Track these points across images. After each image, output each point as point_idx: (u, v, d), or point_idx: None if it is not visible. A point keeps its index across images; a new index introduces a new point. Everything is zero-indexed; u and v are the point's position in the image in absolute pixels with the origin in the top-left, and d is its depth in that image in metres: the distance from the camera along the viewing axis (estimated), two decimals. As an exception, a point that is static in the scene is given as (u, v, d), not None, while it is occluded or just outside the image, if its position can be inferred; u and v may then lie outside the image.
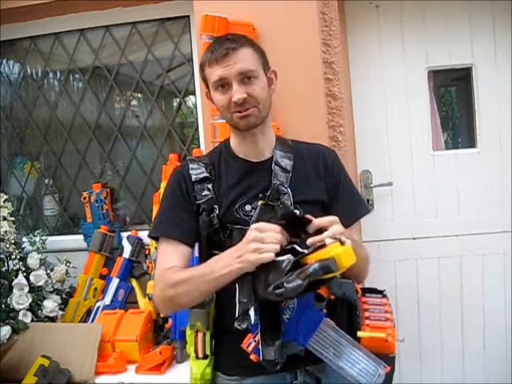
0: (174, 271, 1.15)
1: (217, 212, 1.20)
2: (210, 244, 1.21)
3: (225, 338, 1.23)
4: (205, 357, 1.20)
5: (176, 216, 1.24)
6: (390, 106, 2.13)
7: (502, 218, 2.12)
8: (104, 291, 2.04)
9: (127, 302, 2.03)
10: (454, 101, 2.35)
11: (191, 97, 2.25)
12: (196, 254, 1.77)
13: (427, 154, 2.15)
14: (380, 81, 2.13)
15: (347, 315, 1.15)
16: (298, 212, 1.16)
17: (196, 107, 2.19)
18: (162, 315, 1.89)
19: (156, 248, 1.96)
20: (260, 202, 1.16)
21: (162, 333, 1.90)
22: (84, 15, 2.18)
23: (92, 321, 1.97)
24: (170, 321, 1.82)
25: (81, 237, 2.19)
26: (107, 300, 2.01)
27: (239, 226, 1.18)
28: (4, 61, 2.39)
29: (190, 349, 1.19)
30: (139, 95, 2.34)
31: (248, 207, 1.20)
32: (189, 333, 1.21)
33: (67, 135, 2.33)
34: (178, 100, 2.25)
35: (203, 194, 1.22)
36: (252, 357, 1.06)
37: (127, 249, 2.05)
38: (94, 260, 2.06)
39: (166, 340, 1.84)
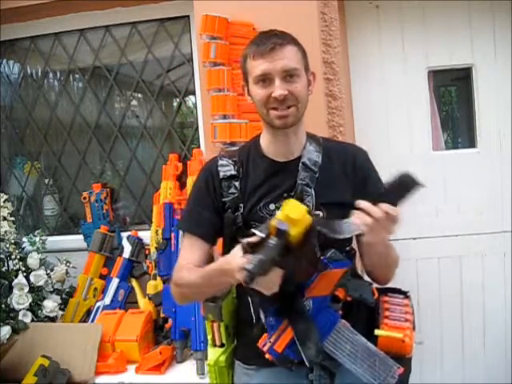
0: (183, 271, 1.20)
1: (241, 210, 1.22)
2: (234, 241, 1.20)
3: (244, 329, 1.24)
4: (222, 345, 1.24)
5: (199, 213, 1.27)
6: (389, 106, 2.13)
7: (502, 218, 2.12)
8: (104, 291, 2.04)
9: (127, 302, 2.03)
10: (454, 101, 2.35)
11: (191, 97, 2.25)
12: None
13: (427, 153, 2.14)
14: (380, 81, 2.13)
15: (365, 317, 1.16)
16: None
17: (196, 107, 2.19)
18: (162, 315, 1.89)
19: (156, 248, 1.98)
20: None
21: (161, 333, 1.90)
22: (84, 15, 2.18)
23: (92, 321, 1.97)
24: (170, 321, 1.83)
25: (81, 237, 2.19)
26: (107, 300, 2.01)
27: None
28: (4, 61, 2.39)
29: (209, 336, 1.25)
30: (139, 95, 2.34)
31: (272, 206, 1.20)
32: (206, 323, 1.26)
33: (67, 135, 2.33)
34: (177, 100, 2.25)
35: (230, 191, 1.23)
36: (267, 356, 1.10)
37: (127, 249, 2.06)
38: (94, 260, 2.06)
39: (166, 340, 1.84)
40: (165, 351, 1.74)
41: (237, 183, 1.24)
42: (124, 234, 2.14)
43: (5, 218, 1.96)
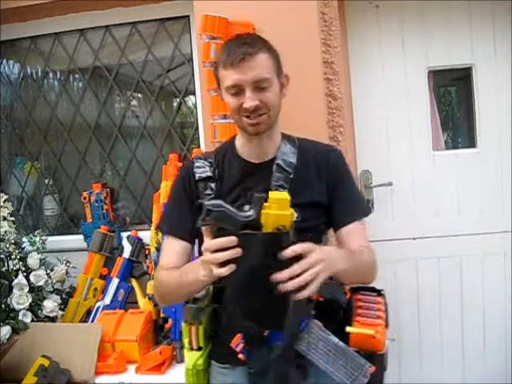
0: (162, 272, 1.23)
1: None
2: None
3: (220, 329, 1.25)
4: (199, 348, 1.23)
5: (178, 213, 1.29)
6: (389, 106, 2.13)
7: (502, 218, 2.12)
8: (104, 291, 2.04)
9: (127, 302, 2.03)
10: (454, 101, 2.35)
11: (191, 97, 2.25)
12: (196, 253, 1.78)
13: (427, 153, 2.15)
14: (380, 81, 2.13)
15: (338, 316, 1.17)
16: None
17: (196, 107, 2.19)
18: (162, 315, 1.89)
19: (156, 248, 1.98)
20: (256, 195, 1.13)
21: (161, 333, 1.90)
22: (84, 15, 2.18)
23: (92, 321, 1.97)
24: (170, 321, 1.82)
25: (81, 237, 2.19)
26: (107, 300, 2.01)
27: None
28: (4, 61, 2.39)
29: (185, 340, 1.23)
30: (139, 95, 2.34)
31: (247, 207, 1.18)
32: (184, 325, 1.25)
33: (67, 135, 2.33)
34: (177, 100, 2.25)
35: (206, 192, 1.24)
36: (240, 356, 1.14)
37: (127, 249, 2.05)
38: (94, 260, 2.06)
39: (166, 340, 1.84)
40: (165, 351, 1.74)
41: (212, 184, 1.25)
42: (124, 234, 2.14)
43: (5, 218, 1.96)
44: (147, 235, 2.06)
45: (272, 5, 1.83)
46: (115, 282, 2.02)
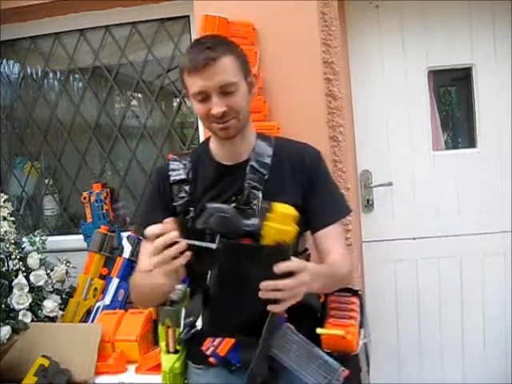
0: (137, 275, 1.22)
1: (192, 214, 1.21)
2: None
3: (195, 332, 1.23)
4: (175, 351, 1.23)
5: (153, 217, 1.24)
6: (389, 106, 2.13)
7: (502, 218, 2.12)
8: (104, 291, 2.04)
9: (127, 302, 2.03)
10: (454, 101, 2.35)
11: (191, 97, 2.25)
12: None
13: (427, 153, 2.15)
14: (380, 81, 2.13)
15: (312, 319, 1.17)
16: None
17: (196, 107, 2.18)
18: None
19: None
20: (232, 206, 1.14)
21: (162, 333, 1.90)
22: (84, 15, 2.18)
23: (92, 321, 1.97)
24: (170, 321, 1.82)
25: (81, 237, 2.19)
26: (107, 300, 2.01)
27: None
28: (4, 61, 2.38)
29: (162, 343, 1.23)
30: (139, 95, 2.34)
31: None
32: (160, 328, 1.25)
33: (67, 135, 2.33)
34: (177, 100, 2.25)
35: (180, 195, 1.23)
36: (211, 359, 1.16)
37: (127, 249, 2.05)
38: (94, 260, 2.06)
39: (166, 340, 1.84)
40: (165, 351, 1.74)
41: (187, 187, 1.24)
42: (124, 234, 2.14)
43: (5, 218, 1.95)
44: (147, 235, 2.05)
45: (272, 5, 1.83)
46: (115, 282, 2.02)
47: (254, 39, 1.83)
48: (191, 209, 1.21)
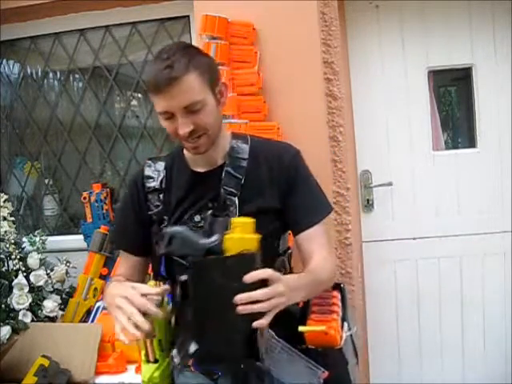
0: (110, 283, 1.19)
1: (166, 223, 1.18)
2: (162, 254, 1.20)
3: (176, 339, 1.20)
4: (155, 361, 1.18)
5: (126, 227, 1.27)
6: (389, 106, 2.13)
7: (502, 218, 2.12)
8: (104, 291, 2.04)
9: (127, 302, 2.03)
10: (454, 101, 2.35)
11: (191, 97, 2.25)
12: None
13: (427, 153, 2.15)
14: (380, 81, 2.13)
15: (293, 320, 1.14)
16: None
17: (196, 107, 2.18)
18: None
19: (156, 248, 1.97)
20: (209, 213, 1.13)
21: (162, 333, 1.89)
22: (84, 15, 2.18)
23: (92, 321, 1.97)
24: (170, 321, 1.82)
25: (81, 237, 2.19)
26: (107, 300, 2.01)
27: None
28: (4, 61, 2.39)
29: (142, 352, 1.20)
30: (139, 95, 2.34)
31: (197, 217, 1.16)
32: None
33: (67, 135, 2.33)
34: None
35: (155, 204, 1.21)
36: (192, 369, 1.14)
37: (127, 249, 2.05)
38: (94, 260, 2.05)
39: (166, 340, 1.83)
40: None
41: (161, 195, 1.20)
42: (124, 234, 2.14)
43: (5, 218, 1.95)
44: (147, 235, 2.05)
45: (272, 5, 1.83)
46: (115, 282, 2.02)
47: (254, 39, 1.83)
48: (165, 217, 1.18)
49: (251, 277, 0.89)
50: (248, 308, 0.88)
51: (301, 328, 1.10)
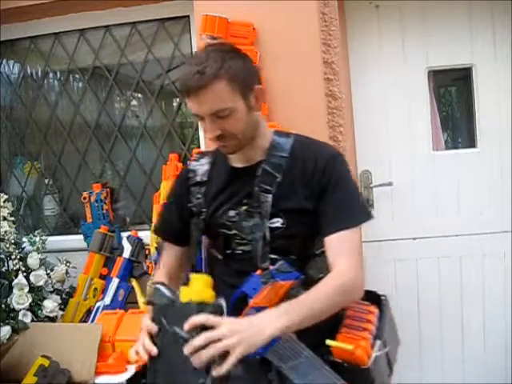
0: (156, 272, 1.32)
1: (204, 216, 1.22)
2: (200, 245, 1.26)
3: None
4: None
5: (168, 217, 1.32)
6: (389, 106, 2.13)
7: (502, 218, 2.12)
8: (104, 291, 2.04)
9: (127, 302, 2.03)
10: (453, 101, 2.35)
11: (191, 97, 2.25)
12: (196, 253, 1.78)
13: (427, 154, 2.15)
14: (380, 81, 2.13)
15: (321, 327, 1.09)
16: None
17: (196, 107, 2.18)
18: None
19: (156, 248, 1.98)
20: (243, 209, 1.15)
21: (162, 333, 1.89)
22: (84, 15, 2.18)
23: (92, 321, 1.97)
24: (170, 321, 1.82)
25: (81, 237, 2.19)
26: (107, 300, 2.01)
27: (223, 231, 1.20)
28: (4, 61, 2.39)
29: None
30: (139, 95, 2.34)
31: (232, 213, 1.18)
32: None
33: (67, 135, 2.33)
34: (177, 100, 2.25)
35: (196, 196, 1.24)
36: None
37: (127, 249, 2.05)
38: (94, 260, 2.06)
39: (166, 340, 1.83)
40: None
41: (203, 189, 1.24)
42: (124, 234, 2.14)
43: (5, 218, 1.95)
44: (147, 235, 2.06)
45: (272, 5, 1.83)
46: (115, 281, 2.02)
47: (254, 39, 1.83)
48: (204, 210, 1.22)
49: (189, 324, 0.91)
50: (196, 358, 0.88)
51: (328, 342, 1.08)
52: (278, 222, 1.14)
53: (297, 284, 1.08)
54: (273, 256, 1.13)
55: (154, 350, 1.00)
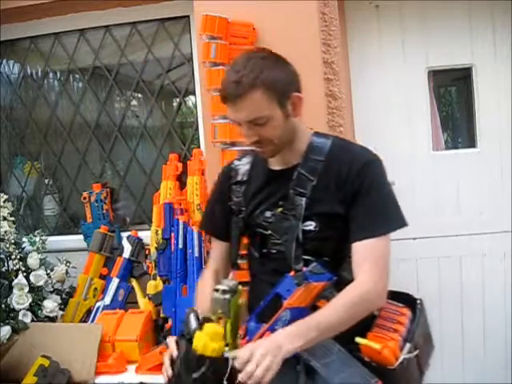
0: (204, 272, 1.37)
1: (243, 215, 1.26)
2: (239, 242, 1.32)
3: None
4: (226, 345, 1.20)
5: (212, 214, 1.38)
6: (389, 106, 2.13)
7: (502, 218, 2.12)
8: (104, 291, 2.04)
9: (127, 302, 2.03)
10: (453, 101, 2.35)
11: (191, 97, 2.25)
12: (196, 254, 1.79)
13: (427, 154, 2.15)
14: (380, 81, 2.13)
15: (356, 325, 1.12)
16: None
17: (196, 107, 2.19)
18: (162, 315, 1.89)
19: (156, 248, 1.98)
20: (278, 210, 1.20)
21: (162, 333, 1.90)
22: (84, 15, 2.18)
23: (92, 321, 1.97)
24: (170, 321, 1.83)
25: (81, 237, 2.19)
26: (107, 300, 2.01)
27: (260, 230, 1.24)
28: (4, 61, 2.39)
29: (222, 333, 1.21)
30: (139, 95, 2.34)
31: (268, 213, 1.22)
32: (213, 318, 1.21)
33: (67, 135, 2.33)
34: (177, 100, 2.25)
35: (236, 195, 1.29)
36: None
37: (127, 249, 2.05)
38: (94, 260, 2.06)
39: (166, 340, 1.84)
40: (165, 351, 1.73)
41: (243, 188, 1.28)
42: (124, 234, 2.14)
43: (5, 218, 1.96)
44: (147, 235, 2.06)
45: (272, 5, 1.83)
46: (115, 282, 2.02)
47: (254, 39, 1.83)
48: (243, 209, 1.26)
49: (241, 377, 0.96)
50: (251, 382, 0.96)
51: (358, 339, 1.09)
52: (310, 226, 1.17)
53: (329, 285, 1.12)
54: (306, 257, 1.15)
55: (169, 372, 1.09)
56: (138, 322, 1.82)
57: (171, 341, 1.15)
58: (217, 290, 1.12)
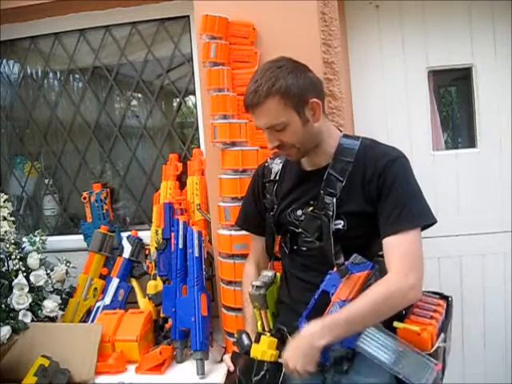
0: (246, 267, 1.50)
1: (274, 212, 1.34)
2: (272, 238, 1.40)
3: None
4: (270, 331, 1.31)
5: (248, 210, 1.47)
6: (389, 106, 2.13)
7: (502, 217, 2.12)
8: (104, 291, 2.04)
9: (127, 302, 2.03)
10: (454, 101, 2.35)
11: (191, 97, 2.25)
12: (196, 254, 1.78)
13: (427, 153, 2.14)
14: (380, 81, 2.13)
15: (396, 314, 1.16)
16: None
17: (196, 107, 2.19)
18: (162, 315, 1.89)
19: (156, 248, 1.98)
20: (309, 209, 1.25)
21: (162, 333, 1.90)
22: (84, 15, 2.18)
23: (92, 321, 1.97)
24: (170, 321, 1.82)
25: (81, 237, 2.19)
26: (107, 300, 2.01)
27: (291, 228, 1.31)
28: (4, 61, 2.39)
29: (258, 323, 1.35)
30: (139, 95, 2.34)
31: (299, 212, 1.28)
32: (255, 310, 1.35)
33: (67, 135, 2.33)
34: (177, 100, 2.25)
35: (269, 193, 1.36)
36: None
37: (127, 249, 2.06)
38: (94, 260, 2.06)
39: (166, 340, 1.84)
40: (165, 351, 1.74)
41: (275, 186, 1.35)
42: (124, 234, 2.14)
43: (5, 218, 1.96)
44: (147, 235, 2.06)
45: (272, 5, 1.83)
46: (115, 282, 2.02)
47: (254, 39, 1.82)
48: (275, 207, 1.33)
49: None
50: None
51: (396, 323, 1.13)
52: (339, 224, 1.21)
53: (373, 274, 1.17)
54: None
55: (231, 367, 1.27)
56: (138, 321, 1.82)
57: (226, 358, 1.30)
58: (252, 287, 1.30)
